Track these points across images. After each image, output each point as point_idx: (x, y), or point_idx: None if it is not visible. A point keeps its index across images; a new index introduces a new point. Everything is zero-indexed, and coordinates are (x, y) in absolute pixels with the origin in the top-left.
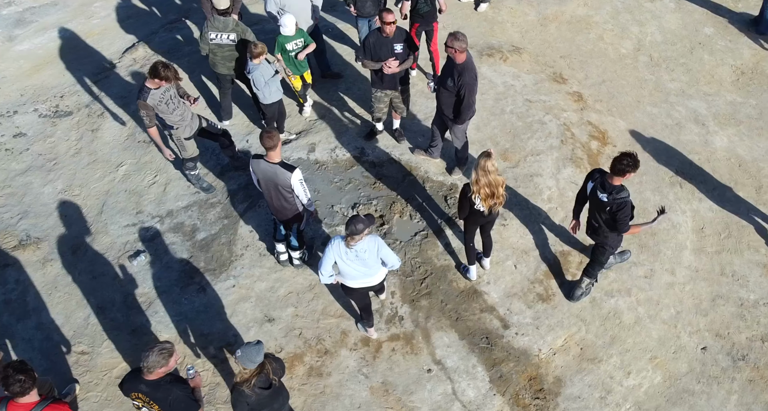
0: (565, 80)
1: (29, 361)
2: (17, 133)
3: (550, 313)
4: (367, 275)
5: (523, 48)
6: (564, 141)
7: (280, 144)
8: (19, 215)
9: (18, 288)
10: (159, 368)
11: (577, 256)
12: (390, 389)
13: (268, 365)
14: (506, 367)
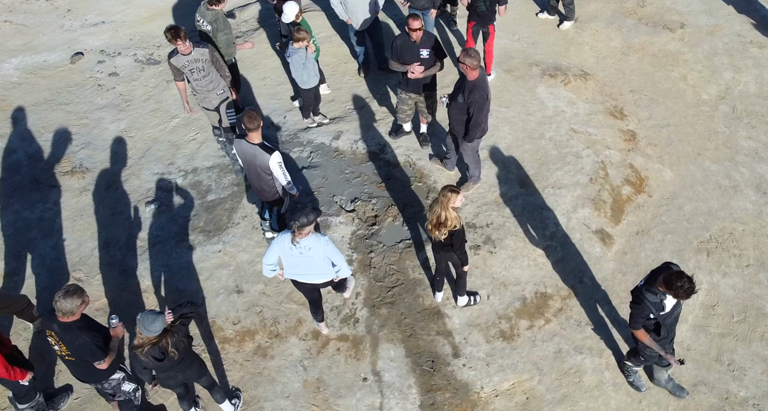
0: (624, 116)
1: (36, 276)
2: (112, 72)
3: (507, 353)
4: (311, 273)
5: (593, 74)
6: (593, 180)
7: (260, 125)
8: (82, 145)
9: (54, 209)
10: (67, 312)
11: (559, 301)
12: (322, 387)
13: (167, 339)
14: (441, 396)
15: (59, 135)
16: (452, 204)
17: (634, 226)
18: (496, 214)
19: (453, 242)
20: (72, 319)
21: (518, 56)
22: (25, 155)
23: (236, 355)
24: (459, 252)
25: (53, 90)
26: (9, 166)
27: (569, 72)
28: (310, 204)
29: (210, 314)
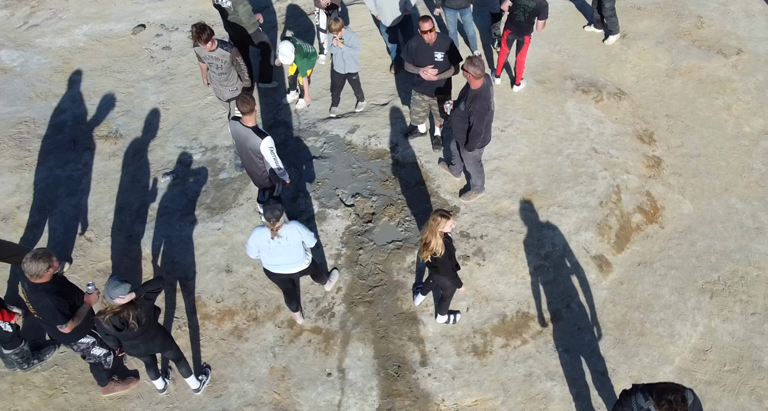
0: (653, 141)
1: (52, 231)
2: (166, 45)
3: (475, 368)
4: (288, 261)
5: (629, 94)
6: (604, 203)
7: (255, 109)
8: (123, 112)
9: (83, 170)
10: (33, 274)
11: (539, 325)
12: (287, 376)
13: (128, 310)
14: (401, 402)
15: (105, 100)
16: (440, 228)
17: (638, 257)
18: (493, 227)
19: (437, 266)
20: (40, 281)
21: (555, 68)
22: (72, 116)
23: (213, 333)
24: (447, 276)
25: (111, 57)
26: (55, 124)
27: (604, 89)
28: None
29: (197, 289)
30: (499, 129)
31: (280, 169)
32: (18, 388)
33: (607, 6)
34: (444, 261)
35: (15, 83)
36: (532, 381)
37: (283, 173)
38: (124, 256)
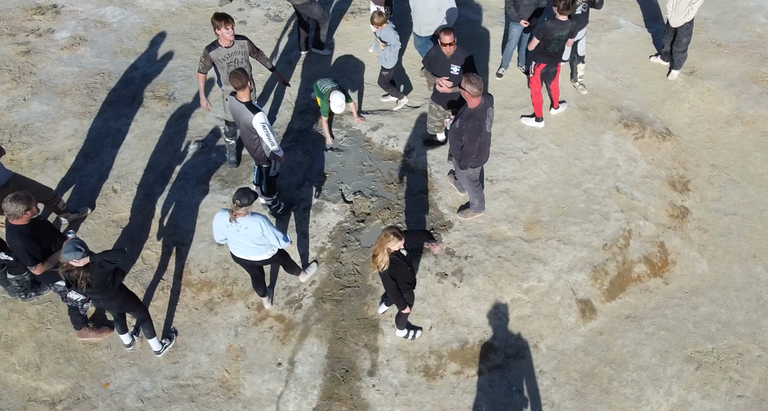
0: (686, 190)
1: (88, 177)
2: (243, 20)
3: (421, 389)
4: (249, 250)
5: (676, 136)
6: (607, 246)
7: (249, 84)
8: (183, 78)
9: (131, 125)
10: (11, 214)
11: (501, 358)
12: (241, 357)
13: (79, 272)
14: (338, 407)
15: (173, 64)
16: (388, 245)
17: (628, 309)
18: (481, 249)
19: (382, 280)
20: (17, 222)
21: (604, 96)
22: (141, 74)
23: (190, 301)
24: (389, 293)
25: (194, 25)
26: (124, 79)
27: (650, 126)
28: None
29: (188, 256)
30: (522, 150)
31: (273, 144)
32: (14, 315)
33: (683, 41)
34: (386, 277)
35: (108, 37)
36: (481, 403)
37: (278, 149)
38: (138, 211)
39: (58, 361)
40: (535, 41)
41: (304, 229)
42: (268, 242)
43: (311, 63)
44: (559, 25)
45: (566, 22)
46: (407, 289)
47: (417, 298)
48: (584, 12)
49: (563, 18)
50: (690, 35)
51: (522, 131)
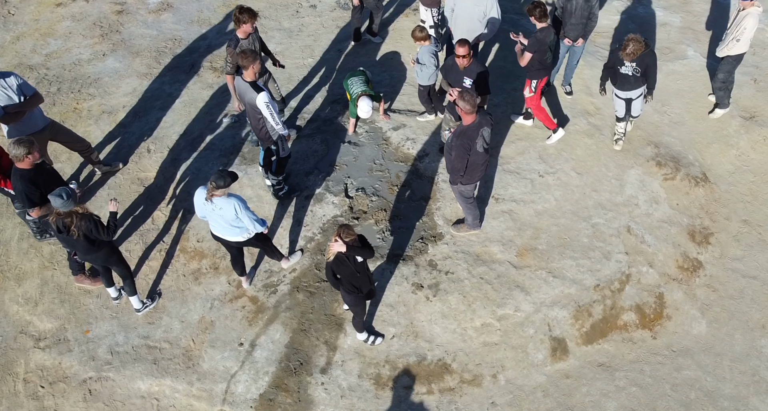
0: (706, 243)
1: (130, 134)
2: (314, 4)
3: (367, 397)
4: (224, 230)
5: (713, 184)
6: (599, 287)
7: (254, 65)
8: None
9: (182, 91)
10: (13, 156)
11: (456, 381)
12: (209, 330)
13: (73, 219)
14: (283, 398)
15: (218, 43)
16: (335, 237)
17: (604, 357)
18: (464, 267)
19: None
20: (20, 165)
21: (646, 129)
22: (206, 45)
23: (180, 266)
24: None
25: (269, 3)
26: (191, 48)
27: (685, 169)
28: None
29: (190, 224)
30: (538, 172)
31: (277, 124)
32: (31, 251)
33: (719, 76)
34: (327, 268)
35: (191, 6)
36: None
37: (282, 128)
38: (162, 173)
39: (53, 301)
40: (528, 56)
41: (300, 217)
42: (244, 225)
43: (358, 54)
44: (546, 33)
45: (549, 28)
46: (351, 292)
47: (386, 305)
48: (635, 75)
49: (544, 25)
50: (729, 73)
51: (545, 153)
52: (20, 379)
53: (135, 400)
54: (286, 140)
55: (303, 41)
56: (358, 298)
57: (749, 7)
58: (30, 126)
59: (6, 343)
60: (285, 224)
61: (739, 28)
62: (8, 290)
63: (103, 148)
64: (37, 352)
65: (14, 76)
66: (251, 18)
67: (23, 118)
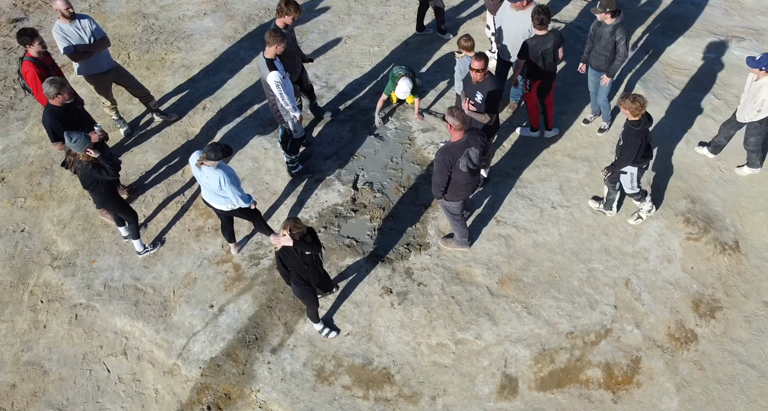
0: (709, 317)
1: (192, 89)
2: None
3: (305, 387)
4: (212, 198)
5: (743, 254)
6: (572, 335)
7: (279, 45)
8: (321, 33)
9: (251, 58)
10: (46, 93)
11: (395, 393)
12: (189, 286)
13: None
14: (229, 367)
15: (323, 17)
16: (283, 231)
17: (552, 408)
18: (438, 283)
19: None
20: (52, 102)
21: (688, 181)
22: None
23: (189, 221)
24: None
25: None
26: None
27: (715, 232)
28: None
29: None
30: (552, 203)
31: (287, 104)
32: (77, 179)
33: (750, 140)
34: (276, 258)
35: None
36: None
37: (293, 108)
38: (205, 131)
39: (77, 227)
40: (521, 62)
41: (304, 198)
42: (225, 195)
43: (421, 51)
44: (540, 40)
45: (548, 35)
46: (299, 283)
47: (351, 302)
48: (619, 144)
49: (542, 32)
50: (761, 135)
51: (567, 185)
52: (28, 290)
53: (109, 334)
54: (298, 122)
55: (378, 29)
56: (306, 290)
57: (763, 77)
58: (96, 66)
59: (30, 256)
60: (288, 202)
61: (756, 100)
62: (49, 209)
63: (169, 98)
64: (49, 269)
65: (89, 19)
66: (295, 12)
67: (90, 58)
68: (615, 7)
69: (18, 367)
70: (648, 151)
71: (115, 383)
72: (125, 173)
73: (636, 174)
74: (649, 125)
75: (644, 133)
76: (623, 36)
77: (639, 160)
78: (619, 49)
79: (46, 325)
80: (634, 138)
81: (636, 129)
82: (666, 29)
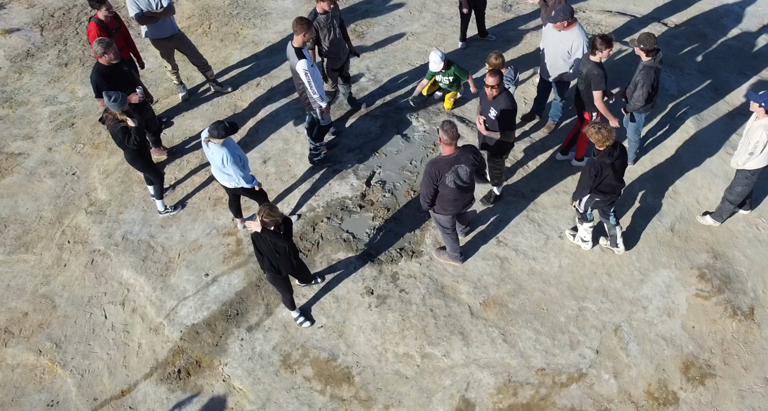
0: (699, 383)
1: (256, 68)
2: None
3: (268, 371)
4: (217, 173)
5: (756, 323)
6: (542, 373)
7: (305, 33)
8: (388, 27)
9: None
10: (94, 51)
11: (348, 394)
12: (194, 252)
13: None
14: (205, 337)
15: (395, 12)
16: (257, 216)
17: None
18: (421, 293)
19: None
20: (98, 60)
21: (718, 235)
22: (366, 9)
23: (212, 191)
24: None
25: None
26: (353, 7)
27: (731, 294)
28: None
29: None
30: (559, 232)
31: (314, 93)
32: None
33: (735, 189)
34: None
35: None
36: None
37: (320, 98)
38: (251, 107)
39: (117, 179)
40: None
41: (317, 186)
42: (233, 175)
43: (476, 57)
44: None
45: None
46: (269, 270)
47: (332, 296)
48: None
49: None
50: (748, 186)
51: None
52: (62, 229)
53: (114, 283)
54: (324, 111)
55: (444, 30)
56: (276, 278)
57: (762, 118)
58: (160, 31)
59: (73, 199)
60: (303, 188)
61: (750, 142)
62: (100, 158)
63: (230, 71)
64: (83, 213)
65: None
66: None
67: (155, 24)
68: (651, 46)
69: (34, 297)
70: (612, 188)
71: (108, 330)
72: (171, 135)
73: (586, 199)
74: (616, 160)
75: (601, 165)
76: (643, 81)
77: (602, 190)
78: (636, 90)
79: (67, 264)
80: (590, 166)
81: (593, 158)
82: (745, 68)
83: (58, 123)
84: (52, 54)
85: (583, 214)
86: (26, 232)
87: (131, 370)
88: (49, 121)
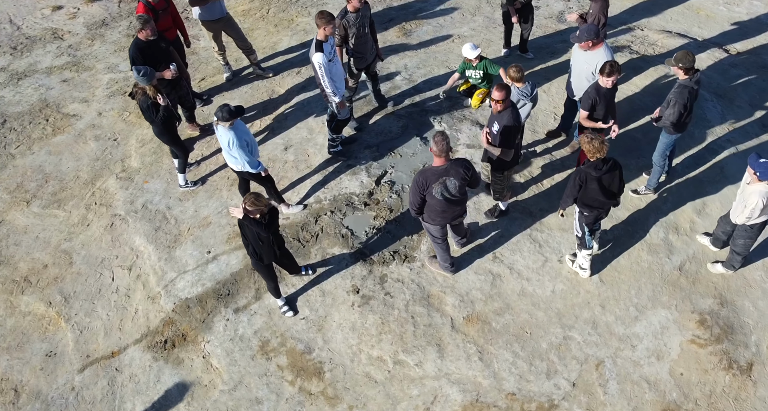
0: None
1: (301, 56)
2: (537, 5)
3: (245, 354)
4: (226, 156)
5: (752, 381)
6: (512, 397)
7: (326, 27)
8: (437, 27)
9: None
10: (135, 27)
11: (317, 389)
12: (202, 228)
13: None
14: (196, 312)
15: (438, 14)
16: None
17: None
18: (405, 299)
19: None
20: (138, 35)
21: (730, 281)
22: (420, 7)
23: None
24: None
25: None
26: (407, 5)
27: (730, 345)
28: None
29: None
30: (560, 257)
31: (327, 87)
32: None
33: (738, 242)
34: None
35: None
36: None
37: (333, 92)
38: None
39: (150, 149)
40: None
41: (329, 179)
42: (239, 158)
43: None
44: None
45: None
46: (252, 256)
47: (320, 289)
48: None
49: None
50: (751, 239)
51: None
52: (92, 191)
53: (126, 248)
54: (338, 106)
55: (491, 35)
56: (259, 265)
57: (755, 184)
58: (210, 13)
59: (109, 163)
60: (315, 178)
61: (747, 206)
62: (141, 128)
63: (276, 57)
64: (113, 178)
65: None
66: None
67: (205, 6)
68: (689, 64)
69: (56, 252)
70: (600, 203)
71: (112, 292)
72: (208, 113)
73: (578, 215)
74: (605, 175)
75: (586, 176)
76: (675, 99)
77: (586, 202)
78: (668, 107)
79: (90, 224)
80: (575, 175)
81: (580, 167)
82: None
83: (113, 90)
84: (123, 25)
85: (582, 240)
86: (62, 189)
87: (124, 333)
88: (106, 87)
